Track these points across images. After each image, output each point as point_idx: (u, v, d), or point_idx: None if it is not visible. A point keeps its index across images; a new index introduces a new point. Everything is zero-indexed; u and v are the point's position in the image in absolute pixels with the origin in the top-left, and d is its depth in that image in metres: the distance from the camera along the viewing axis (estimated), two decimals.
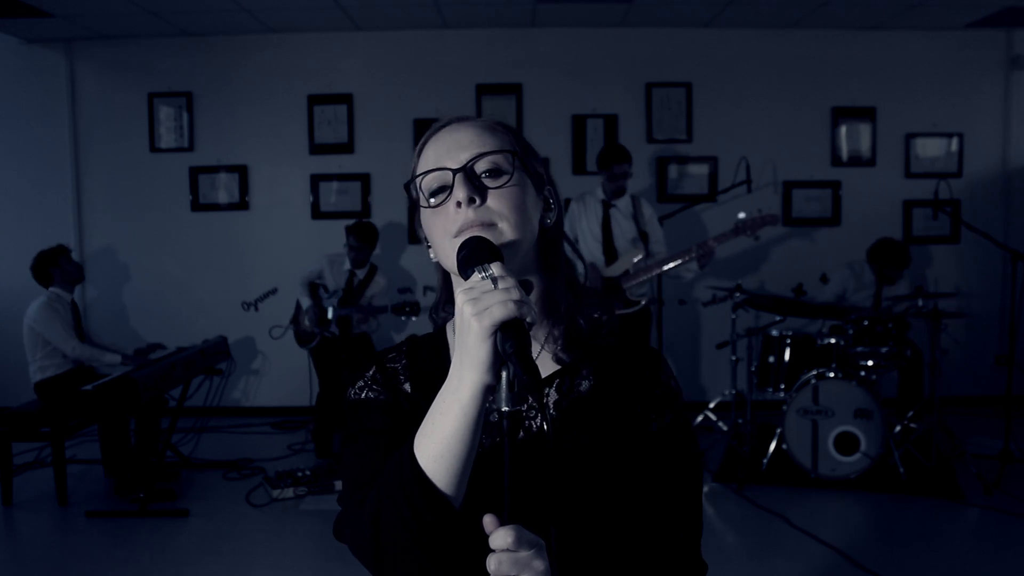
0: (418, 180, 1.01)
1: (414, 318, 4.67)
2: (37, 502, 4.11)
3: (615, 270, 4.34)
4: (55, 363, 4.37)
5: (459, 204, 0.95)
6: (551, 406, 1.02)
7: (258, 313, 5.76)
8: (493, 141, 1.00)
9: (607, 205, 4.47)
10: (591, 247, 4.46)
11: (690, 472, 1.04)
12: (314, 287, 4.90)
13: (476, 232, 0.94)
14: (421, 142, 1.05)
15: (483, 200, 0.96)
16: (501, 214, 0.96)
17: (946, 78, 5.67)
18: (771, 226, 4.31)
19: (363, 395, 1.05)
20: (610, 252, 4.43)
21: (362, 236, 4.76)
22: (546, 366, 1.04)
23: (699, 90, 5.68)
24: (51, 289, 4.46)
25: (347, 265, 4.86)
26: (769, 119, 5.66)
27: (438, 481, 0.86)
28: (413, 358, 1.09)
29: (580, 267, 1.12)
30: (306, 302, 4.86)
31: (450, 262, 0.96)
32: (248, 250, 5.79)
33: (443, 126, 1.04)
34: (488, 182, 0.97)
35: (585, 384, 1.04)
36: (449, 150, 0.99)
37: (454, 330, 1.09)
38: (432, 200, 0.99)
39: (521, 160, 1.01)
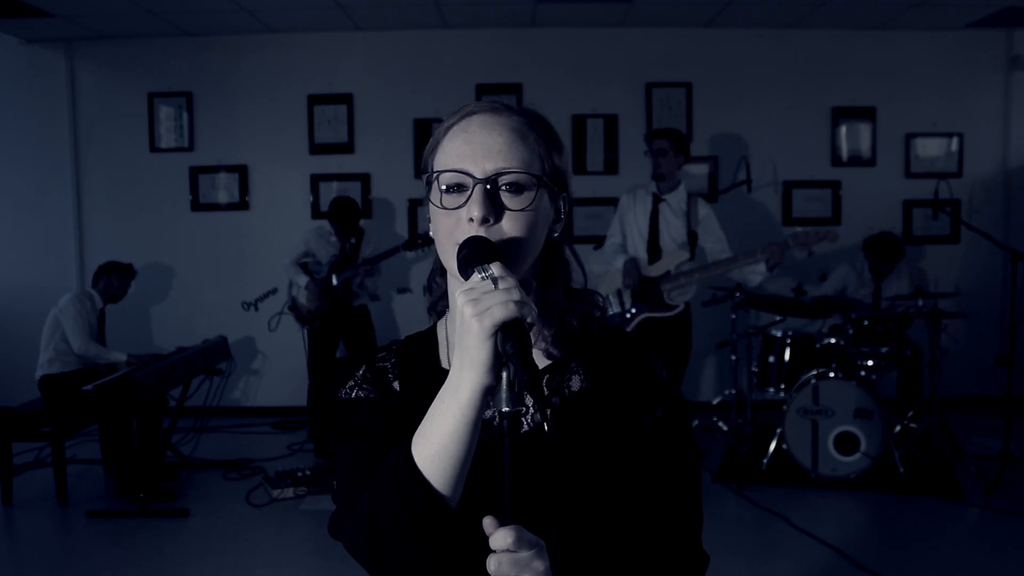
0: (435, 174, 0.98)
1: (427, 248, 4.61)
2: (37, 502, 4.11)
3: (656, 270, 4.13)
4: (64, 360, 4.39)
5: (471, 220, 0.93)
6: None
7: (258, 313, 5.76)
8: (522, 154, 0.96)
9: (657, 199, 4.21)
10: (636, 243, 4.24)
11: (687, 463, 1.04)
12: (304, 266, 4.88)
13: None
14: (450, 122, 1.00)
15: (497, 220, 0.94)
16: (511, 239, 0.94)
17: (946, 78, 5.67)
18: (830, 242, 4.06)
19: (353, 394, 1.05)
20: (654, 250, 4.17)
21: (343, 226, 4.80)
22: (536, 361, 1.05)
23: (699, 90, 5.68)
24: (91, 289, 4.65)
25: (334, 237, 4.87)
26: (769, 119, 5.66)
27: (435, 481, 0.86)
28: (403, 357, 1.09)
29: (579, 276, 1.10)
30: (303, 279, 4.82)
31: (451, 263, 0.95)
32: (248, 250, 5.78)
33: (476, 114, 0.99)
34: (506, 198, 0.95)
35: (575, 380, 1.03)
36: (474, 153, 0.95)
37: (445, 328, 1.09)
38: (445, 199, 0.96)
39: (545, 180, 0.98)
